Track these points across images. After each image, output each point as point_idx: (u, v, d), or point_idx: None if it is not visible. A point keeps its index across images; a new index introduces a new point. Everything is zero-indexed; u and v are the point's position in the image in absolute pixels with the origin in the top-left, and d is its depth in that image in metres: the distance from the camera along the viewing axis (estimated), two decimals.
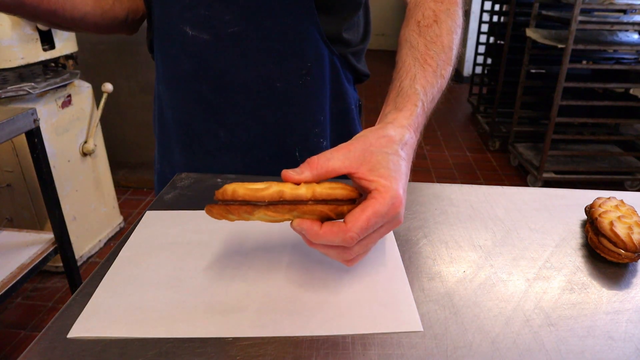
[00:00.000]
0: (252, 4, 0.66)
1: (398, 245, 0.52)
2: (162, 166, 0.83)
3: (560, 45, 2.37)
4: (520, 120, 3.02)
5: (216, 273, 0.47)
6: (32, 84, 1.61)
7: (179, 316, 0.41)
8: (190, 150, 0.76)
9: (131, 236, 0.53)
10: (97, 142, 1.96)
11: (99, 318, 0.41)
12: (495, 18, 3.84)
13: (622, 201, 0.54)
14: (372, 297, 0.44)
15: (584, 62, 2.96)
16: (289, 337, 0.39)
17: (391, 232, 0.54)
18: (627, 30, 2.62)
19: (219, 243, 0.52)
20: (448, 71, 0.55)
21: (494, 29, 3.68)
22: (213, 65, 0.69)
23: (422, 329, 0.40)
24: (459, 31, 0.58)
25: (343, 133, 0.79)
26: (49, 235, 1.55)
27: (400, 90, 0.51)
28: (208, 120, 0.73)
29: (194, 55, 0.69)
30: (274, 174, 0.62)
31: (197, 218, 0.57)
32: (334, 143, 0.78)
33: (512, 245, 0.53)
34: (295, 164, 0.74)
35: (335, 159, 0.42)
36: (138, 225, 0.55)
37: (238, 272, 0.47)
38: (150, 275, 0.46)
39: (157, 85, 0.77)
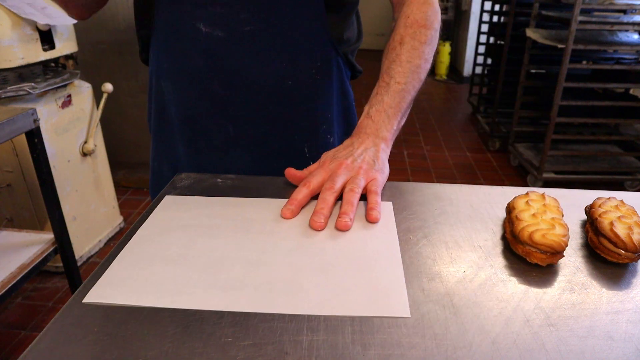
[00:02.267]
0: (268, 4, 0.68)
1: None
2: (159, 164, 0.83)
3: (560, 45, 2.37)
4: (520, 120, 3.02)
5: (222, 253, 0.50)
6: (32, 84, 1.61)
7: (183, 290, 0.44)
8: (195, 147, 0.77)
9: (149, 217, 0.57)
10: (97, 142, 1.97)
11: (112, 287, 0.44)
12: (495, 18, 3.84)
13: (622, 201, 0.54)
14: (366, 283, 0.45)
15: (584, 62, 2.96)
16: (289, 337, 0.39)
17: (393, 223, 0.56)
18: (627, 30, 2.63)
19: (228, 227, 0.55)
20: (402, 74, 0.68)
21: (494, 29, 3.68)
22: (226, 62, 0.70)
23: (409, 315, 0.41)
24: (421, 47, 0.70)
25: (347, 129, 0.82)
26: (49, 235, 1.55)
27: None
28: (217, 116, 0.73)
29: (207, 51, 0.70)
30: (282, 170, 0.63)
31: (212, 204, 0.60)
32: (340, 139, 0.82)
33: None
34: (303, 160, 0.77)
35: None
36: (157, 208, 0.59)
37: (242, 254, 0.49)
38: (162, 252, 0.50)
39: (156, 82, 0.77)
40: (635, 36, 2.68)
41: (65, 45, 1.78)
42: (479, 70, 4.17)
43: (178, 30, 0.70)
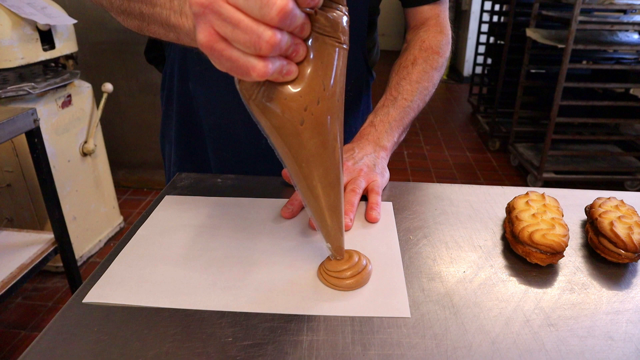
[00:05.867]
0: None
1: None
2: (179, 169, 0.82)
3: (560, 45, 2.37)
4: (520, 120, 3.02)
5: (221, 253, 0.50)
6: (32, 84, 1.61)
7: (184, 290, 0.44)
8: (221, 155, 0.77)
9: (149, 217, 0.57)
10: (97, 142, 1.96)
11: (112, 287, 0.44)
12: (495, 18, 3.84)
13: (622, 201, 0.54)
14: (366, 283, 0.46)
15: (584, 62, 2.96)
16: (289, 337, 0.39)
17: (393, 223, 0.56)
18: (627, 30, 2.62)
19: (228, 227, 0.55)
20: (410, 92, 0.71)
21: (494, 29, 3.68)
22: None
23: (409, 315, 0.41)
24: (431, 72, 0.73)
25: None
26: (49, 235, 1.55)
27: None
28: (250, 128, 0.72)
29: None
30: None
31: (212, 204, 0.60)
32: None
33: None
34: None
35: None
36: (157, 208, 0.59)
37: (242, 254, 0.50)
38: (162, 252, 0.50)
39: (180, 84, 0.75)
40: (635, 36, 2.68)
41: (65, 45, 1.78)
42: (479, 70, 4.17)
43: None
